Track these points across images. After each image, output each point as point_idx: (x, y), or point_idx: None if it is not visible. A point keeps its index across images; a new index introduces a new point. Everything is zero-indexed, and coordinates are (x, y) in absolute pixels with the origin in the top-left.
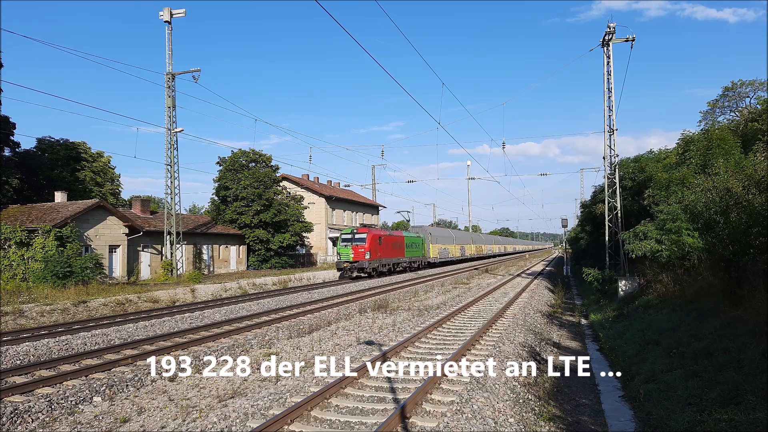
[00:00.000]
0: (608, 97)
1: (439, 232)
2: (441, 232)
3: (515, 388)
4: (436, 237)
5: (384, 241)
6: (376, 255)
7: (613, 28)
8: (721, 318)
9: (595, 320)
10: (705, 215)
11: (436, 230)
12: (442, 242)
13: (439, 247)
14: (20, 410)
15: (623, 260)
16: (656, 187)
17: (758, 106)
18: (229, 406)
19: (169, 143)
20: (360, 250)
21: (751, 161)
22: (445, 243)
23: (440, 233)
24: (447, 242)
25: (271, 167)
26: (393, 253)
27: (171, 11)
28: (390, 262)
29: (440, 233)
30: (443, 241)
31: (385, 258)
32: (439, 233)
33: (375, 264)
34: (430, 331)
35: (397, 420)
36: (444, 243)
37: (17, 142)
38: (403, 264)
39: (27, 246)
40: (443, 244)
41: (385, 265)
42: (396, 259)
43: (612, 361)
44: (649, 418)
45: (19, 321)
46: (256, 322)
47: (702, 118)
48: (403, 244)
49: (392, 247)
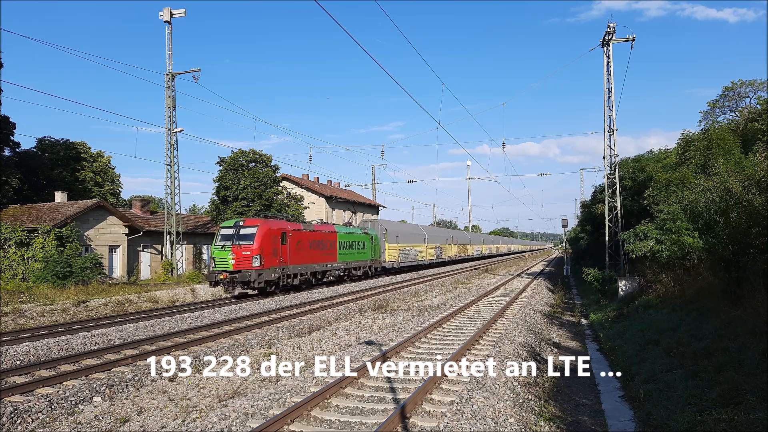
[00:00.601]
0: (608, 97)
1: (402, 228)
2: (404, 228)
3: (515, 388)
4: (396, 234)
5: (295, 239)
6: (276, 260)
7: (613, 28)
8: (721, 318)
9: (595, 320)
10: (705, 215)
11: (396, 226)
12: (406, 241)
13: (402, 247)
14: (20, 410)
15: (623, 260)
16: (656, 187)
17: (758, 106)
18: (229, 406)
19: (169, 143)
20: (245, 253)
21: (751, 161)
22: (411, 242)
23: (403, 229)
24: (414, 241)
25: (271, 167)
26: (314, 256)
27: (171, 11)
28: (308, 270)
29: (403, 229)
30: (408, 239)
31: (298, 264)
32: (402, 229)
33: (274, 274)
34: (430, 331)
35: (397, 420)
36: (410, 242)
37: (17, 142)
38: (334, 272)
39: (27, 246)
40: (409, 243)
41: (297, 275)
42: (321, 265)
43: (612, 361)
44: (649, 418)
45: (19, 321)
46: (256, 322)
47: (702, 118)
48: (335, 243)
49: (313, 247)
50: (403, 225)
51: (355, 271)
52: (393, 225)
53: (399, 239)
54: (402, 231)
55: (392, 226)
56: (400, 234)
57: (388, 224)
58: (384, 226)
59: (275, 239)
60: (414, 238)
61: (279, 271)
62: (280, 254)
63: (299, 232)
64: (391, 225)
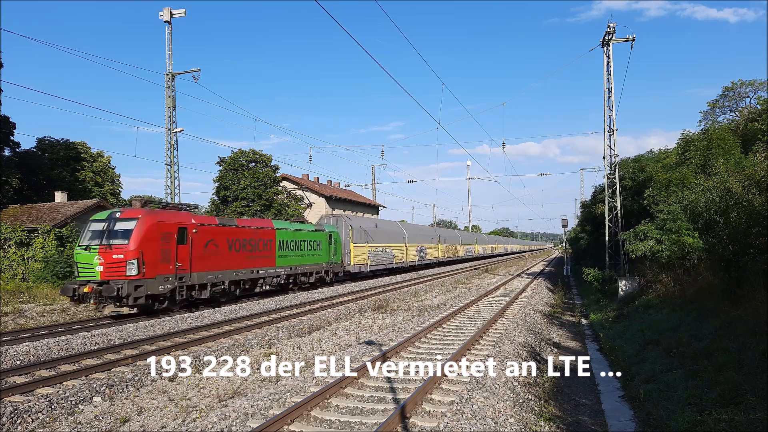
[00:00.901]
0: (608, 97)
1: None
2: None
3: (515, 388)
4: (365, 232)
5: (203, 238)
6: (168, 266)
7: (613, 28)
8: (721, 318)
9: (595, 320)
10: (705, 215)
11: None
12: (380, 240)
13: (372, 248)
14: (20, 410)
15: (623, 260)
16: (656, 187)
17: (758, 106)
18: (229, 406)
19: (169, 143)
20: (116, 256)
21: (751, 161)
22: (386, 242)
23: (373, 226)
24: (390, 240)
25: (271, 167)
26: (237, 260)
27: (171, 11)
28: (225, 278)
29: (373, 226)
30: (382, 238)
31: (207, 271)
32: (372, 226)
33: (164, 285)
34: (430, 331)
35: (397, 420)
36: (384, 241)
37: (17, 142)
38: (271, 279)
39: (27, 246)
40: (383, 243)
41: (206, 285)
42: (248, 272)
43: (612, 361)
44: (649, 418)
45: (19, 321)
46: (256, 322)
47: (702, 118)
48: (273, 243)
49: (235, 249)
50: (373, 221)
51: (304, 278)
52: (361, 221)
53: (370, 238)
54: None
55: (359, 222)
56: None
57: (355, 220)
58: (348, 222)
59: (167, 237)
60: (389, 237)
61: (173, 281)
62: (176, 258)
63: (210, 228)
64: (358, 221)
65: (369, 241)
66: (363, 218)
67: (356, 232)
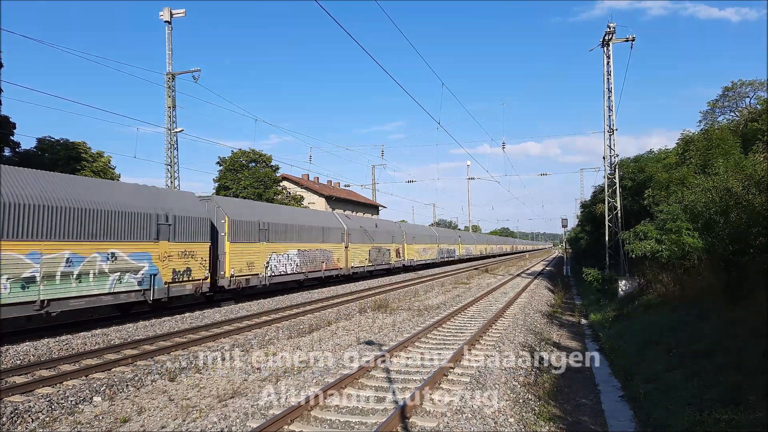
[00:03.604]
0: (608, 97)
1: (266, 212)
2: (272, 212)
3: (515, 388)
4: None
5: None
6: None
7: (613, 28)
8: (722, 318)
9: (595, 320)
10: (705, 215)
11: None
12: (284, 237)
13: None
14: (20, 410)
15: (623, 260)
16: (656, 187)
17: (758, 106)
18: (229, 406)
19: (169, 143)
20: None
21: (751, 161)
22: (298, 240)
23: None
24: (306, 238)
25: (271, 167)
26: None
27: (171, 11)
28: None
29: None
30: (284, 235)
31: None
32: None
33: None
34: (430, 331)
35: (397, 420)
36: (299, 240)
37: (17, 142)
38: None
39: None
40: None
41: None
42: None
43: (612, 361)
44: (649, 418)
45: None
46: (256, 322)
47: (702, 118)
48: None
49: None
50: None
51: None
52: (235, 205)
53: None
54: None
55: (231, 206)
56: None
57: (228, 204)
58: (220, 204)
59: None
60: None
61: None
62: None
63: None
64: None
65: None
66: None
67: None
